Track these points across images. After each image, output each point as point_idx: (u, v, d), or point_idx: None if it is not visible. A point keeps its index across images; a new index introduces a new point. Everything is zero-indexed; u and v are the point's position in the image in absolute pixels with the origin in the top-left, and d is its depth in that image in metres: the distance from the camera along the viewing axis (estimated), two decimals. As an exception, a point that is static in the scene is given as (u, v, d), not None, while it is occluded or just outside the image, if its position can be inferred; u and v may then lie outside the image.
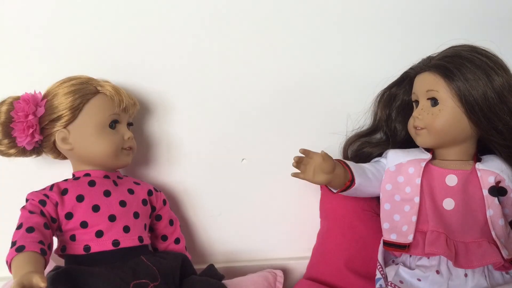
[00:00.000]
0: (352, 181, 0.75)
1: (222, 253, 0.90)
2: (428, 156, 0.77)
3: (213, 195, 0.88)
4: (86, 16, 0.80)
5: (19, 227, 0.65)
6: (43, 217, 0.67)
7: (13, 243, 0.63)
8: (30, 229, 0.64)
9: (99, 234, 0.70)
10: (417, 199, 0.74)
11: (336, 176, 0.73)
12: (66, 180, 0.73)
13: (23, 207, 0.69)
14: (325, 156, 0.70)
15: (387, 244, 0.75)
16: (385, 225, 0.76)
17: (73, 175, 0.75)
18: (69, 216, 0.69)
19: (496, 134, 0.72)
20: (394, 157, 0.78)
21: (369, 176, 0.77)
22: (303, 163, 0.72)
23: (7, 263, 0.62)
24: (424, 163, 0.75)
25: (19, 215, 0.68)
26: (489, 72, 0.70)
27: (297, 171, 0.73)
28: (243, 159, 0.88)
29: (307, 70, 0.87)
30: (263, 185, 0.89)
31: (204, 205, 0.89)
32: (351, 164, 0.76)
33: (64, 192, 0.71)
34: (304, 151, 0.72)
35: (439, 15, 0.87)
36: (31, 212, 0.67)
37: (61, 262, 0.73)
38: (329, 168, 0.71)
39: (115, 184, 0.75)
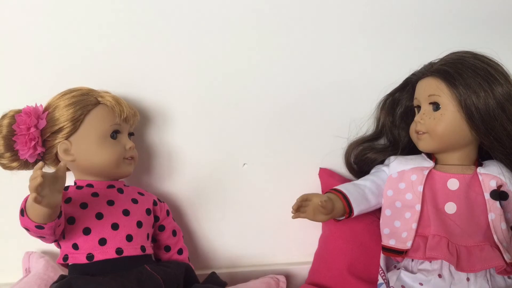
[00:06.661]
0: (350, 213, 0.77)
1: (225, 258, 0.90)
2: (431, 164, 0.77)
3: (214, 200, 0.88)
4: (86, 28, 0.80)
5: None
6: None
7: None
8: None
9: (103, 242, 0.70)
10: (418, 207, 0.74)
11: (337, 213, 0.76)
12: (67, 187, 0.73)
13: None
14: (323, 203, 0.72)
15: (386, 249, 0.76)
16: (385, 231, 0.76)
17: (75, 182, 0.75)
18: (71, 221, 0.69)
19: (494, 141, 0.72)
20: (397, 164, 0.79)
21: (368, 198, 0.78)
22: (302, 205, 0.74)
23: (24, 209, 0.62)
24: (427, 171, 0.76)
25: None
26: (491, 79, 0.70)
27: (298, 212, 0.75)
28: (244, 164, 0.88)
29: (310, 75, 0.87)
30: (264, 190, 0.89)
31: (206, 211, 0.89)
32: (349, 192, 0.77)
33: (67, 201, 0.71)
34: (301, 198, 0.74)
35: (441, 22, 0.87)
36: None
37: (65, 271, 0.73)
38: (328, 211, 0.73)
39: (120, 191, 0.75)
